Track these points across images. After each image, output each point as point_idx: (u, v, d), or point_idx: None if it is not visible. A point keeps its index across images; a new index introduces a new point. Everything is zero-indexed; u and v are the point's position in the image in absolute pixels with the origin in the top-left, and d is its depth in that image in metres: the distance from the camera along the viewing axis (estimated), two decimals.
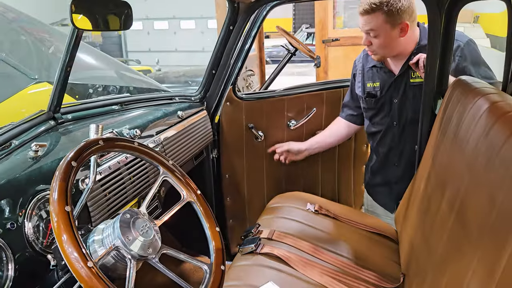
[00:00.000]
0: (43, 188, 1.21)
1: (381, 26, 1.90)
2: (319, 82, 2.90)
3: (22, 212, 1.13)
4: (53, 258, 1.11)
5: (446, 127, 1.59)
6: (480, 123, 1.23)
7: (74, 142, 1.43)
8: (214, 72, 2.28)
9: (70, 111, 1.60)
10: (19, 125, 1.37)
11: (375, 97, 2.13)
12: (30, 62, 2.64)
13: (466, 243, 1.09)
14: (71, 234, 0.88)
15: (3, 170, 1.18)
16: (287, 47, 3.60)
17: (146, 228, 1.07)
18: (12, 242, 1.07)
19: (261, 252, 1.64)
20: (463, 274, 1.04)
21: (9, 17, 2.97)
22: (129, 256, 1.00)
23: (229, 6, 2.13)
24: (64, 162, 0.99)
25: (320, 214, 1.99)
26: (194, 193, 1.24)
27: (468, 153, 1.24)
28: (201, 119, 2.20)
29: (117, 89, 2.86)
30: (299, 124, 2.47)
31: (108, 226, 1.04)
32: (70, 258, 0.86)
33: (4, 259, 1.04)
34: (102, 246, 1.01)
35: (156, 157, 1.24)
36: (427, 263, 1.38)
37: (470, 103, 1.37)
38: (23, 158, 1.26)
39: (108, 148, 1.13)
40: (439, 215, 1.34)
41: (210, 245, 1.18)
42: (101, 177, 1.38)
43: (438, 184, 1.46)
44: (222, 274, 1.13)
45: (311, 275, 1.55)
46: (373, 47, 1.97)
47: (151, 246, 1.05)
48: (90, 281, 0.85)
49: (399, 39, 1.95)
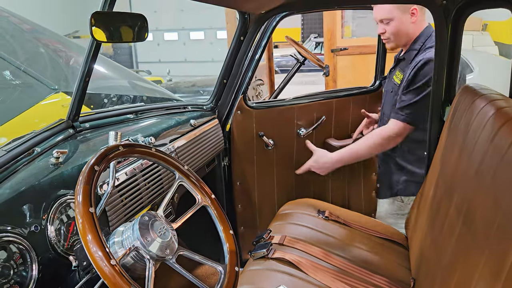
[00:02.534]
0: (64, 193, 1.25)
1: (390, 12, 1.98)
2: (328, 90, 2.93)
3: (45, 216, 1.17)
4: (75, 259, 1.14)
5: (454, 134, 1.60)
6: (486, 128, 1.24)
7: (92, 149, 1.48)
8: (226, 81, 2.31)
9: (87, 120, 1.64)
10: (40, 133, 1.41)
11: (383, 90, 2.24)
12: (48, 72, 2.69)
13: (473, 247, 1.10)
14: (95, 234, 0.92)
15: (27, 176, 1.23)
16: (296, 57, 3.63)
17: (163, 230, 1.10)
18: (36, 244, 1.11)
19: (272, 257, 1.66)
20: (470, 277, 1.05)
21: (24, 28, 3.04)
22: (148, 257, 1.03)
23: (239, 17, 2.18)
24: (87, 166, 1.03)
25: (331, 220, 2.00)
26: (209, 197, 1.27)
27: (475, 158, 1.25)
28: (213, 127, 2.23)
29: (131, 98, 2.90)
30: (308, 132, 2.49)
31: (128, 228, 1.07)
32: (95, 257, 0.90)
33: (28, 260, 1.08)
34: (122, 247, 1.04)
35: (173, 162, 1.27)
36: (436, 267, 1.39)
37: (477, 109, 1.38)
38: (45, 164, 1.30)
39: (128, 153, 1.17)
40: (447, 220, 1.36)
41: (224, 247, 1.20)
42: (118, 183, 1.42)
43: (447, 189, 1.48)
44: (236, 276, 1.15)
45: (323, 280, 1.56)
46: (386, 34, 2.05)
47: (169, 247, 1.07)
48: (113, 279, 0.89)
49: (412, 25, 2.01)
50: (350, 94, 2.59)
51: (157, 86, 3.48)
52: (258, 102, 2.76)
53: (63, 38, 3.28)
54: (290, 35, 3.49)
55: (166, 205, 1.20)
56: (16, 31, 2.92)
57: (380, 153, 2.27)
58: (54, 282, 1.14)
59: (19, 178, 1.21)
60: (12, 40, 2.80)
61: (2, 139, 2.37)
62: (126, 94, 2.93)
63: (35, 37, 3.00)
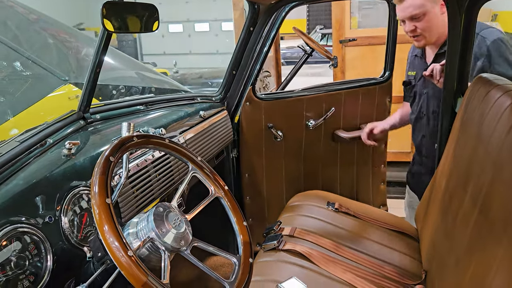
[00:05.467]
0: (76, 184, 1.26)
1: (422, 5, 1.89)
2: (337, 82, 2.91)
3: (58, 207, 1.17)
4: (89, 250, 1.14)
5: (467, 125, 1.59)
6: (503, 119, 1.23)
7: (104, 140, 1.48)
8: (235, 72, 2.31)
9: (98, 111, 1.64)
10: (52, 124, 1.42)
11: (410, 84, 2.16)
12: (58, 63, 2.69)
13: (490, 238, 1.10)
14: (112, 225, 0.92)
15: (41, 167, 1.23)
16: (304, 48, 3.60)
17: (178, 221, 1.09)
18: (50, 235, 1.11)
19: (283, 249, 1.66)
20: (488, 268, 1.05)
21: (31, 18, 3.02)
22: (163, 248, 1.03)
23: (249, 8, 2.16)
24: (102, 157, 1.03)
25: (340, 212, 2.01)
26: (222, 189, 1.27)
27: (492, 149, 1.24)
28: (222, 119, 2.23)
29: (140, 90, 2.90)
30: (317, 124, 2.49)
31: (142, 219, 1.06)
32: (112, 247, 0.90)
33: (43, 251, 1.09)
34: (137, 239, 1.04)
35: (186, 154, 1.27)
36: (449, 260, 1.38)
37: (492, 100, 1.37)
38: (58, 155, 1.31)
39: (142, 144, 1.17)
40: (461, 211, 1.35)
41: (238, 239, 1.20)
42: (130, 174, 1.42)
43: (460, 180, 1.47)
44: (251, 267, 1.15)
45: (334, 272, 1.57)
46: (418, 30, 1.94)
47: (183, 238, 1.07)
48: (130, 269, 0.89)
49: (442, 17, 1.92)
50: (360, 85, 2.57)
51: (166, 77, 3.47)
52: (267, 93, 2.75)
53: (70, 28, 3.27)
54: (293, 26, 3.46)
55: (180, 196, 1.20)
56: (23, 21, 2.91)
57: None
58: (68, 273, 1.14)
59: (32, 169, 1.22)
60: (19, 30, 2.79)
61: (14, 130, 2.37)
62: (135, 86, 2.93)
63: (42, 27, 2.99)
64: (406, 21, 1.95)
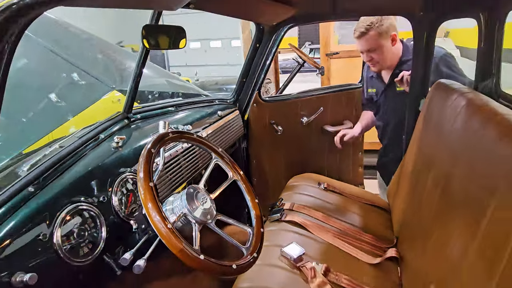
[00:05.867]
0: (123, 170, 1.25)
1: (377, 41, 1.88)
2: (324, 87, 2.87)
3: (110, 189, 1.17)
4: (135, 223, 1.14)
5: (428, 121, 1.57)
6: (460, 116, 1.22)
7: (144, 136, 1.46)
8: (244, 80, 2.28)
9: (138, 112, 1.63)
10: (103, 123, 1.40)
11: (373, 100, 2.12)
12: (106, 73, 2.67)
13: (451, 211, 1.09)
14: (154, 203, 0.91)
15: (95, 157, 1.22)
16: (297, 60, 3.57)
17: (205, 199, 1.09)
18: (104, 211, 1.11)
19: (285, 220, 1.66)
20: (449, 236, 1.04)
21: (83, 38, 3.00)
22: (193, 221, 1.02)
23: (256, 28, 2.14)
24: (145, 150, 1.02)
25: (328, 190, 2.00)
26: (239, 174, 1.26)
27: (451, 140, 1.23)
28: (235, 117, 2.21)
29: (169, 94, 2.88)
30: (309, 120, 2.47)
31: (177, 198, 1.06)
32: (155, 221, 0.89)
33: (98, 224, 1.09)
34: (173, 214, 1.03)
35: (210, 145, 1.26)
36: (416, 228, 1.37)
37: (450, 101, 1.35)
38: (108, 147, 1.30)
39: (177, 139, 1.15)
40: (426, 190, 1.34)
41: (252, 213, 1.19)
42: (165, 162, 1.41)
43: (424, 165, 1.45)
44: (262, 235, 1.15)
45: (324, 237, 1.57)
46: (374, 60, 1.94)
47: (209, 213, 1.07)
48: (169, 238, 0.88)
49: (392, 48, 1.93)
50: (342, 89, 2.55)
51: (189, 84, 3.44)
52: (270, 96, 2.72)
53: (113, 45, 3.24)
54: (288, 42, 3.42)
55: (206, 180, 1.19)
56: (78, 40, 2.88)
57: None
58: (118, 241, 1.14)
59: (89, 159, 1.21)
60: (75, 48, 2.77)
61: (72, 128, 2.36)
62: (165, 91, 2.90)
63: (92, 44, 2.97)
64: (365, 53, 1.93)
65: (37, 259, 0.91)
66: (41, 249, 0.92)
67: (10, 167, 1.20)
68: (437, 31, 1.77)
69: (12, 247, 0.87)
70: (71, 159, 1.17)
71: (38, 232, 0.93)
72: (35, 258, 0.91)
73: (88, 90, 2.53)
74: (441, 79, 1.66)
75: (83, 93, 2.53)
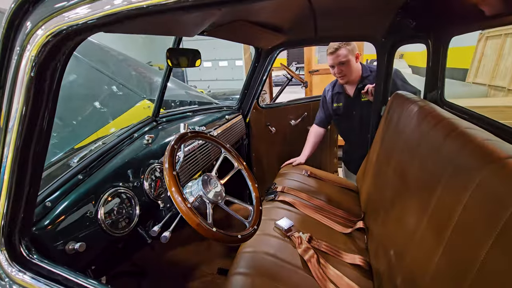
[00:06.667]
0: (152, 162, 1.23)
1: (346, 56, 1.86)
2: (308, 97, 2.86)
3: (142, 176, 1.16)
4: (161, 203, 1.13)
5: (388, 123, 1.56)
6: (413, 119, 1.21)
7: (168, 135, 1.45)
8: (246, 91, 2.26)
9: (164, 116, 1.61)
10: (136, 125, 1.39)
11: (340, 112, 2.10)
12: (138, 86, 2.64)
13: (406, 193, 1.08)
14: (177, 188, 0.90)
15: (131, 151, 1.21)
16: (287, 76, 3.56)
17: (217, 184, 1.08)
18: (137, 193, 1.10)
19: (277, 199, 1.66)
20: (405, 212, 1.04)
21: (120, 58, 2.97)
22: (208, 201, 1.01)
23: (255, 51, 2.12)
24: (170, 146, 1.01)
25: (311, 176, 1.99)
26: (242, 164, 1.24)
27: (406, 137, 1.22)
28: (239, 120, 2.19)
29: (188, 102, 2.86)
30: (296, 123, 2.46)
31: (194, 183, 1.05)
32: (177, 201, 0.88)
33: (133, 203, 1.08)
34: (191, 196, 1.02)
35: (220, 142, 1.24)
36: (379, 206, 1.37)
37: (406, 107, 1.35)
38: (141, 144, 1.29)
39: (194, 137, 1.14)
40: (387, 176, 1.33)
41: (253, 195, 1.18)
42: (185, 155, 1.40)
43: (385, 158, 1.45)
44: (260, 212, 1.14)
45: (308, 213, 1.56)
46: (343, 73, 1.91)
47: (220, 195, 1.06)
48: (188, 214, 0.87)
49: (357, 64, 1.91)
50: None
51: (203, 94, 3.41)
52: (266, 104, 2.70)
53: (144, 64, 3.20)
54: (280, 62, 3.40)
55: (217, 169, 1.17)
56: (115, 60, 2.85)
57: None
58: (149, 217, 1.14)
59: (125, 153, 1.20)
60: (113, 66, 2.74)
61: (112, 128, 2.34)
62: (185, 100, 2.88)
63: (127, 63, 2.93)
64: (336, 66, 1.88)
65: (85, 231, 0.90)
66: (89, 224, 0.92)
67: (64, 159, 1.19)
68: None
69: (66, 222, 0.86)
70: (111, 153, 1.16)
71: (86, 210, 0.92)
72: (83, 231, 0.90)
73: (124, 99, 2.50)
74: (398, 91, 1.66)
75: (121, 102, 2.51)
